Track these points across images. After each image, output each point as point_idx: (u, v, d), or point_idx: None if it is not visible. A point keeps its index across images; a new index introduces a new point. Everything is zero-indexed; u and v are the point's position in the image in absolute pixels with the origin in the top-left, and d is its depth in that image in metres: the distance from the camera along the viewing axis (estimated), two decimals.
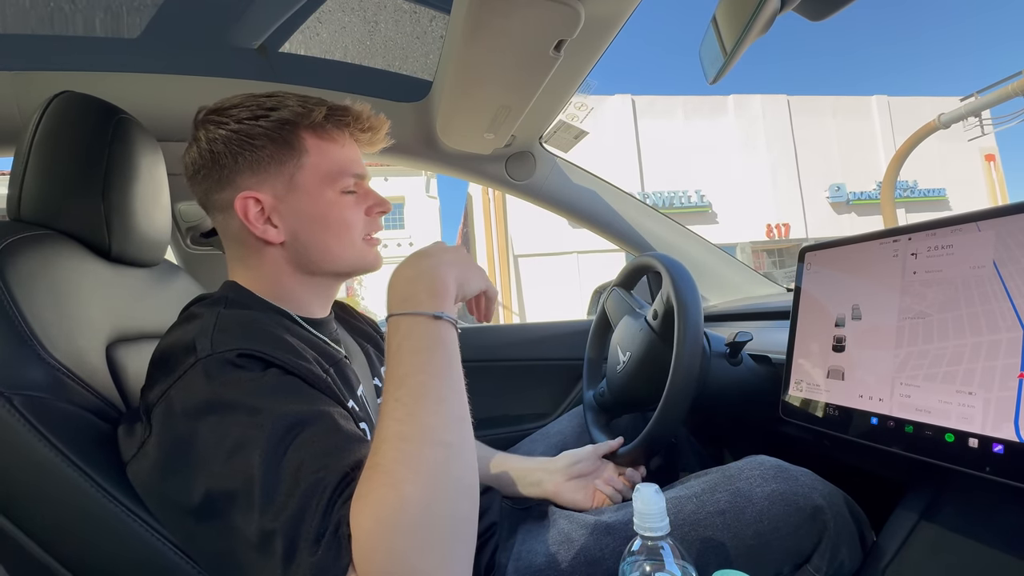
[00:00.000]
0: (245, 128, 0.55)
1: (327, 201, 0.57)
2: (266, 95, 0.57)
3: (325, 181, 0.57)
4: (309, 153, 0.56)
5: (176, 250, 1.29)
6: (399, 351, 0.44)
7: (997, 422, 0.44)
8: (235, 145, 0.54)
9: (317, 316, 0.61)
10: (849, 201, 14.83)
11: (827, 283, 0.67)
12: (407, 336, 0.44)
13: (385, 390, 0.43)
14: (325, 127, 0.57)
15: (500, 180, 1.28)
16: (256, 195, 0.55)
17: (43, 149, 0.60)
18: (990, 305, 0.48)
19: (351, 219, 0.59)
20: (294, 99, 0.57)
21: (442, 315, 0.45)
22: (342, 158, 0.58)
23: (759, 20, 0.52)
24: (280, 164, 0.55)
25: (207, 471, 0.40)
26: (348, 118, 0.58)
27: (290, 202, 0.56)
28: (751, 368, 0.85)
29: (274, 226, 0.56)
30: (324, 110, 0.56)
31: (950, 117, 7.49)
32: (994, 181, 14.80)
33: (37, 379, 0.47)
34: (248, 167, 0.55)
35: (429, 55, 1.04)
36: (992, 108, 7.42)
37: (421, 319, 0.45)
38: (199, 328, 0.47)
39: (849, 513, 0.61)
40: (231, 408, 0.41)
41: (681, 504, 0.62)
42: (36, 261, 0.53)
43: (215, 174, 0.56)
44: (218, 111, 0.56)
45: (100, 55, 1.01)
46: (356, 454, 0.41)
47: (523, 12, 0.67)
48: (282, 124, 0.55)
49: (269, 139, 0.55)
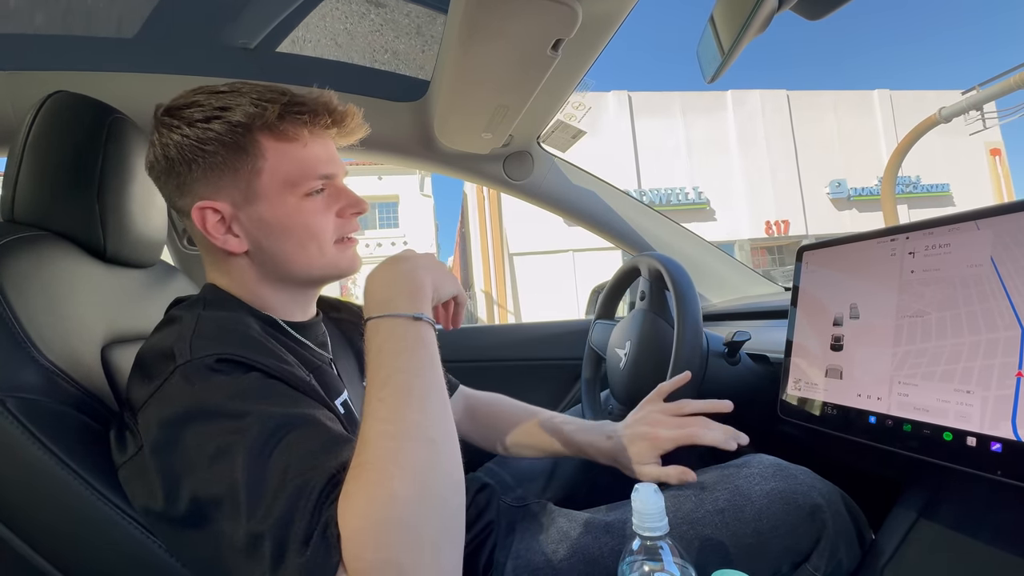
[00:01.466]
0: (196, 132, 0.51)
1: (289, 207, 0.53)
2: (220, 90, 0.53)
3: (285, 186, 0.53)
4: (266, 157, 0.52)
5: (172, 251, 1.28)
6: (380, 353, 0.44)
7: (995, 420, 0.44)
8: (188, 152, 0.51)
9: (299, 319, 0.60)
10: (850, 197, 14.64)
11: (825, 282, 0.67)
12: (388, 338, 0.45)
13: (367, 391, 0.43)
14: (280, 126, 0.52)
15: (498, 180, 1.28)
16: (213, 205, 0.52)
17: (37, 149, 0.59)
18: (988, 304, 0.48)
19: (318, 225, 0.54)
20: (248, 96, 0.52)
21: (421, 316, 0.46)
22: (304, 158, 0.53)
23: (757, 19, 0.52)
24: (235, 171, 0.51)
25: (192, 478, 0.40)
26: (305, 114, 0.53)
27: (249, 211, 0.53)
28: (749, 367, 0.85)
29: (235, 235, 0.53)
30: (277, 108, 0.51)
31: (951, 111, 7.39)
32: (999, 176, 14.62)
33: (31, 381, 0.47)
34: (203, 175, 0.52)
35: (426, 55, 1.04)
36: (997, 100, 7.32)
37: (401, 320, 0.45)
38: (177, 333, 0.46)
39: (847, 512, 0.61)
40: (213, 414, 0.41)
41: (679, 503, 0.62)
42: (30, 262, 0.53)
43: (172, 180, 0.53)
44: (172, 111, 0.53)
45: (95, 54, 1.00)
46: (342, 455, 0.40)
47: (521, 11, 0.67)
48: (234, 127, 0.51)
49: (222, 144, 0.51)
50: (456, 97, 0.92)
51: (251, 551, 0.37)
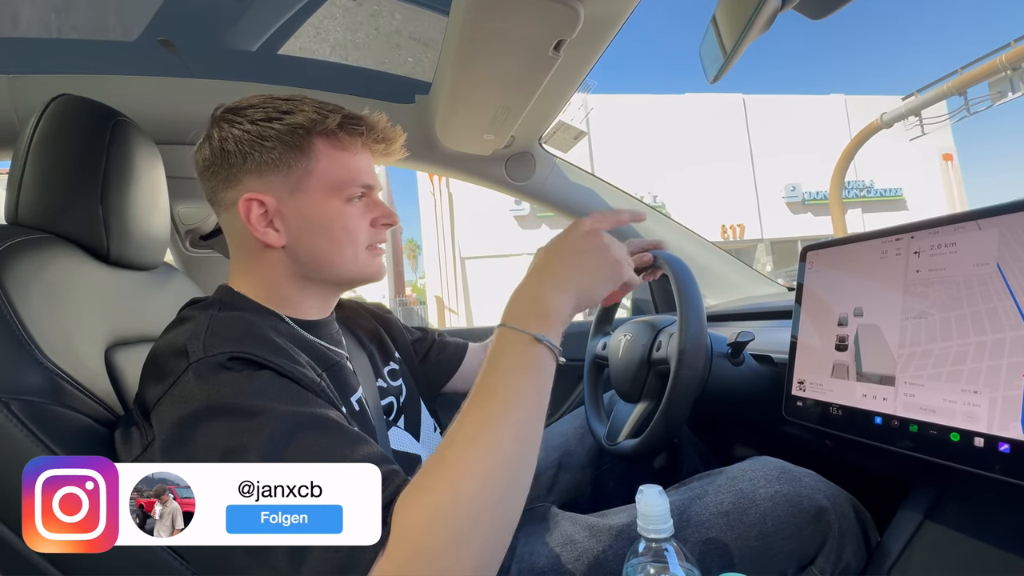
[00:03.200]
0: (258, 129, 0.54)
1: (332, 209, 0.56)
2: (284, 98, 0.57)
3: (332, 188, 0.56)
4: (319, 159, 0.56)
5: (175, 253, 1.28)
6: (496, 362, 0.46)
7: (1004, 421, 0.44)
8: (246, 145, 0.54)
9: (315, 318, 0.61)
10: (805, 201, 14.39)
11: (829, 282, 0.67)
12: (506, 351, 0.46)
13: (472, 391, 0.45)
14: (338, 134, 0.56)
15: (500, 181, 1.28)
16: (260, 197, 0.54)
17: (41, 152, 0.60)
18: (993, 304, 0.47)
19: (355, 229, 0.58)
20: (311, 104, 0.56)
21: (543, 339, 0.47)
22: (352, 167, 0.58)
23: (759, 19, 0.52)
24: (288, 168, 0.55)
25: None
26: (362, 127, 0.58)
27: (294, 207, 0.55)
28: (753, 368, 0.85)
29: (276, 230, 0.55)
30: (339, 117, 0.56)
31: (892, 116, 7.53)
32: (951, 181, 14.56)
33: (34, 383, 0.47)
34: (256, 168, 0.54)
35: (428, 56, 1.04)
36: (949, 102, 7.43)
37: (525, 338, 0.47)
38: (191, 331, 0.46)
39: (853, 514, 0.60)
40: (226, 412, 0.41)
41: (684, 505, 0.62)
42: (34, 264, 0.53)
43: (223, 172, 0.55)
44: (234, 110, 0.56)
45: (98, 58, 1.01)
46: (356, 452, 0.41)
47: (522, 13, 0.66)
48: (295, 128, 0.55)
49: (281, 142, 0.54)
50: (458, 98, 0.92)
51: (261, 552, 0.37)
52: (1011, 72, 6.62)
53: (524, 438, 0.43)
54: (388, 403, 0.65)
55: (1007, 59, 6.55)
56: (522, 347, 0.46)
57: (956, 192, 14.49)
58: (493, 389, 0.44)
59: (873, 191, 14.56)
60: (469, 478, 0.39)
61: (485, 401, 0.44)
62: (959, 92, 7.13)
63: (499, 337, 0.47)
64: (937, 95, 7.26)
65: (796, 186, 14.32)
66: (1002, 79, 6.81)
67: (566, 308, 0.50)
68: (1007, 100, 6.89)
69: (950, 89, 7.08)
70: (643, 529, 0.42)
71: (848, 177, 13.62)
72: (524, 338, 0.46)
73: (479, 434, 0.42)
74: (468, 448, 0.41)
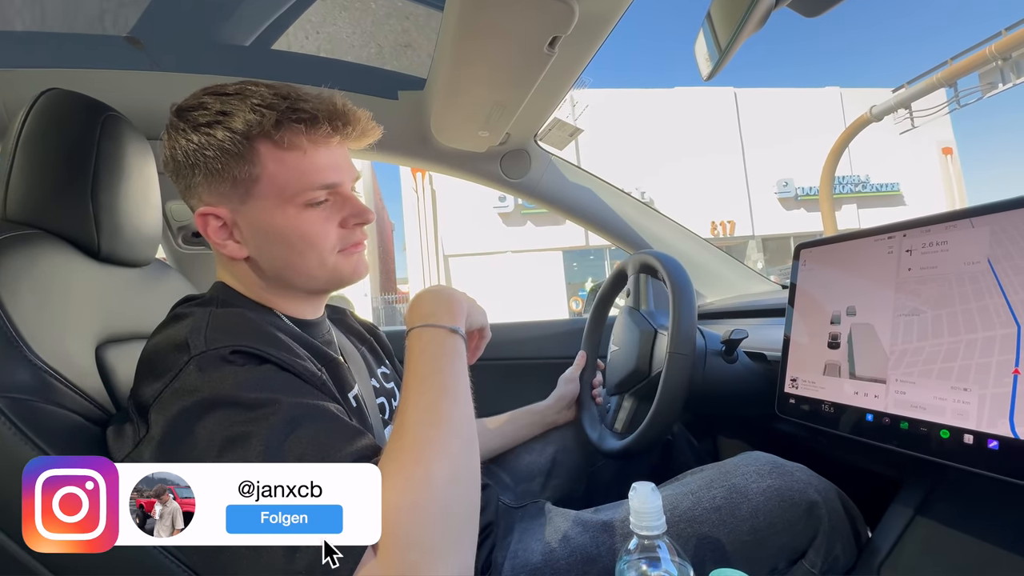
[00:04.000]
0: (200, 139, 0.50)
1: (287, 217, 0.52)
2: (227, 92, 0.51)
3: (284, 196, 0.51)
4: (263, 164, 0.50)
5: (167, 249, 1.27)
6: (422, 355, 0.49)
7: (993, 418, 0.44)
8: (192, 156, 0.50)
9: (308, 318, 0.60)
10: (797, 197, 14.03)
11: (822, 280, 0.67)
12: (429, 343, 0.50)
13: (406, 387, 0.47)
14: (277, 134, 0.50)
15: (495, 178, 1.27)
16: (214, 211, 0.52)
17: (30, 147, 0.59)
18: (984, 301, 0.48)
19: (317, 235, 0.53)
20: (251, 100, 0.50)
21: (458, 330, 0.52)
22: (304, 168, 0.51)
23: (754, 16, 0.52)
24: (234, 178, 0.50)
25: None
26: (302, 123, 0.50)
27: (248, 217, 0.52)
28: (747, 365, 0.85)
29: (236, 241, 0.53)
30: (275, 115, 0.49)
31: (881, 110, 7.35)
32: (951, 175, 14.24)
33: (23, 381, 0.46)
34: (205, 180, 0.51)
35: (422, 52, 1.03)
36: (947, 92, 7.21)
37: (442, 331, 0.51)
38: (191, 326, 0.46)
39: (844, 509, 0.61)
40: (228, 404, 0.41)
41: (677, 500, 0.62)
42: (23, 261, 0.52)
43: (181, 182, 0.53)
44: (181, 112, 0.52)
45: (88, 52, 0.99)
46: (356, 445, 0.42)
47: (517, 8, 0.66)
48: (234, 133, 0.49)
49: (222, 150, 0.50)
50: (452, 95, 0.92)
51: (262, 549, 0.37)
52: (1001, 62, 6.46)
53: (469, 416, 0.47)
54: (381, 403, 0.65)
55: (996, 49, 6.37)
56: (442, 338, 0.50)
57: (956, 186, 14.21)
58: (425, 379, 0.47)
59: (869, 186, 14.32)
60: (435, 456, 0.41)
61: (424, 388, 0.46)
62: (949, 84, 6.98)
63: (418, 336, 0.51)
64: (926, 87, 7.09)
65: (789, 181, 14.08)
66: (992, 70, 6.65)
67: (465, 310, 0.55)
68: (998, 91, 6.75)
69: (939, 81, 6.92)
70: (636, 526, 0.42)
71: (844, 172, 13.41)
72: (442, 331, 0.51)
73: (433, 417, 0.44)
74: (428, 430, 0.43)
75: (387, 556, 0.37)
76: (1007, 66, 6.51)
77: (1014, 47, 6.27)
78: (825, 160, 7.76)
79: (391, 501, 0.38)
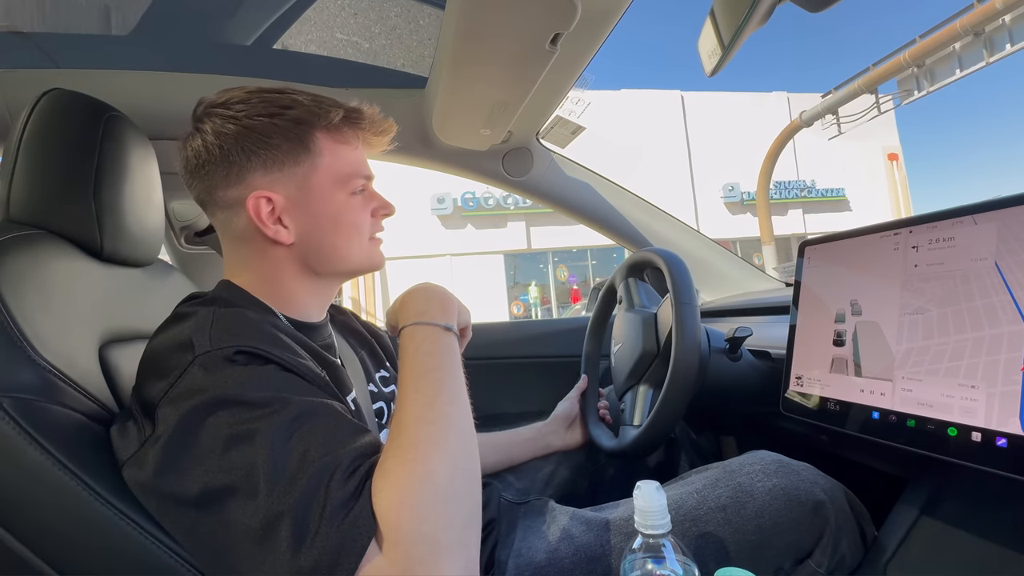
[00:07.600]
0: (259, 125, 0.53)
1: (339, 203, 0.57)
2: (276, 91, 0.56)
3: (337, 183, 0.57)
4: (324, 155, 0.56)
5: (171, 250, 1.27)
6: (417, 353, 0.50)
7: (1002, 416, 0.44)
8: (248, 142, 0.53)
9: (312, 320, 0.60)
10: (743, 201, 13.54)
11: (827, 277, 0.67)
12: (423, 341, 0.51)
13: (403, 385, 0.47)
14: (340, 129, 0.57)
15: (497, 176, 1.27)
16: (269, 195, 0.54)
17: (32, 148, 0.59)
18: (990, 299, 0.47)
19: (360, 221, 0.59)
20: (307, 98, 0.56)
21: (451, 327, 0.52)
22: (354, 160, 0.58)
23: (758, 11, 0.52)
24: (295, 164, 0.55)
25: (208, 466, 0.40)
26: (363, 121, 0.58)
27: (303, 203, 0.55)
28: (751, 363, 0.85)
29: (285, 226, 0.55)
30: (341, 112, 0.56)
31: (811, 115, 7.33)
32: (896, 181, 13.94)
33: (27, 381, 0.46)
34: (261, 165, 0.54)
35: (424, 50, 1.03)
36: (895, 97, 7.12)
37: (436, 328, 0.52)
38: (195, 326, 0.46)
39: (850, 508, 0.61)
40: (234, 403, 0.41)
41: (682, 499, 0.62)
42: (26, 261, 0.52)
43: (223, 170, 0.54)
44: (226, 104, 0.54)
45: (90, 52, 1.00)
46: (360, 441, 0.42)
47: (519, 5, 0.66)
48: (297, 123, 0.54)
49: (284, 138, 0.54)
50: (454, 93, 0.92)
51: (267, 534, 0.37)
52: (916, 70, 6.41)
53: (464, 408, 0.47)
54: (379, 408, 0.65)
55: (910, 56, 6.31)
56: (436, 336, 0.51)
57: (901, 192, 13.97)
58: (422, 376, 0.47)
59: (814, 191, 13.94)
60: (435, 452, 0.41)
61: (421, 386, 0.47)
62: (870, 90, 6.96)
63: (411, 334, 0.51)
64: (850, 93, 7.04)
65: (735, 186, 13.59)
66: (909, 77, 6.60)
67: (456, 308, 0.55)
68: (914, 99, 6.68)
69: (861, 87, 6.88)
70: (640, 525, 0.42)
71: (790, 176, 13.26)
72: (436, 329, 0.52)
73: (431, 414, 0.44)
74: (426, 427, 0.43)
75: (392, 553, 0.37)
76: (921, 73, 6.46)
77: (927, 54, 6.22)
78: (760, 166, 7.63)
79: (393, 498, 0.38)
